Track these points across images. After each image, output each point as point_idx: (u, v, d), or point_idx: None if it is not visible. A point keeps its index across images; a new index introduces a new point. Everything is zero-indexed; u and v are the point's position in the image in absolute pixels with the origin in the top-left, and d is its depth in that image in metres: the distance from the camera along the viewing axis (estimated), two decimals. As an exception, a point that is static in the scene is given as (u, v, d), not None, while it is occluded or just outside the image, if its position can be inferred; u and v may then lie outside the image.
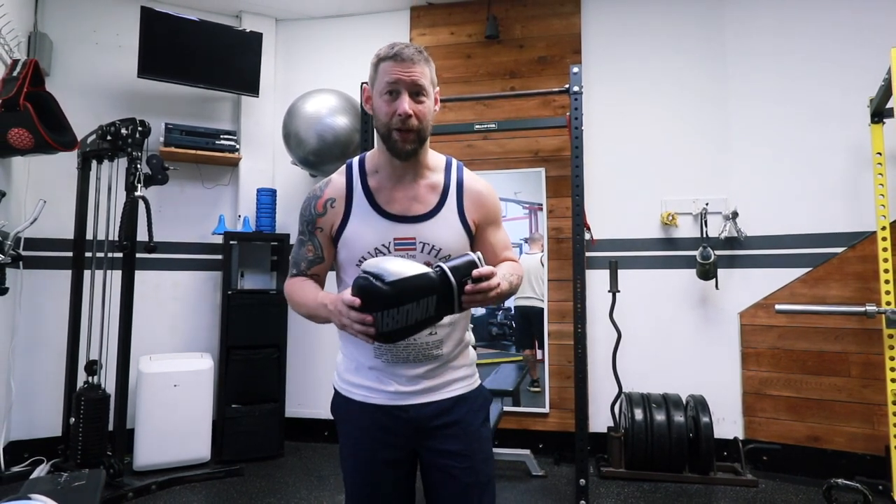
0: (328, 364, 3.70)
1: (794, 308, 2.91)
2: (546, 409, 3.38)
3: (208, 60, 3.52)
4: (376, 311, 1.00)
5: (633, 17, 3.53)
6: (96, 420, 2.77)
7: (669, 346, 3.31)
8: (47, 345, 3.18)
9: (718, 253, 3.20)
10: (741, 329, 3.24)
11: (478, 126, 3.32)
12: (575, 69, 2.81)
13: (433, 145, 1.30)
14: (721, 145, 3.34)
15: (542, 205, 3.50)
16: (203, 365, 3.24)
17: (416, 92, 1.16)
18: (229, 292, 3.37)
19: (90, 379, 2.88)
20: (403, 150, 1.18)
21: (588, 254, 3.28)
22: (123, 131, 2.83)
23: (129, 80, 3.46)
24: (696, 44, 3.42)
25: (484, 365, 3.48)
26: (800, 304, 3.02)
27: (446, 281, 1.03)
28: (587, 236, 3.18)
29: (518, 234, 3.52)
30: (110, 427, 2.86)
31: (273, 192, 3.66)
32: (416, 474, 1.33)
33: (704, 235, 3.25)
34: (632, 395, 3.12)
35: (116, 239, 2.82)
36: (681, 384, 3.19)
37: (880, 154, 2.75)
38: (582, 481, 2.60)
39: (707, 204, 3.29)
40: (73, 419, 2.80)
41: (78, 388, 2.91)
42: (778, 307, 2.87)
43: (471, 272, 1.04)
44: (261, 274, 3.73)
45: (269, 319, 3.44)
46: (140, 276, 3.05)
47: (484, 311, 3.55)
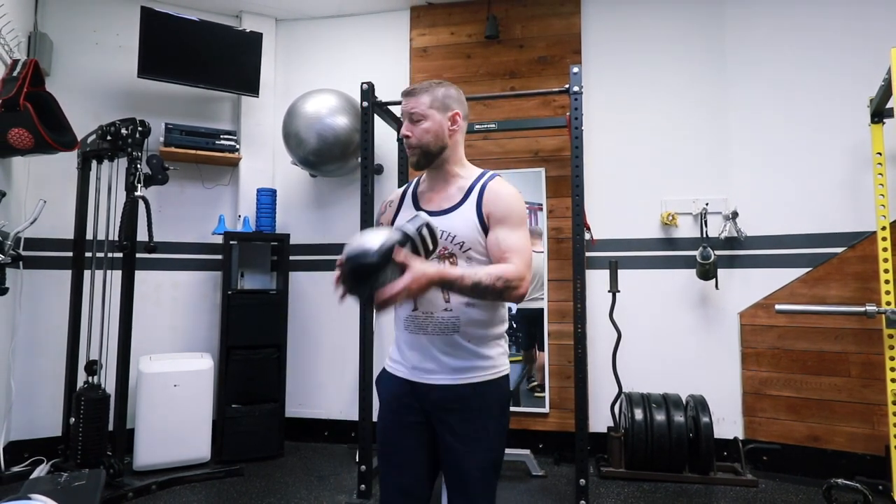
0: (328, 364, 3.71)
1: (794, 308, 2.91)
2: (546, 409, 3.38)
3: (208, 60, 3.52)
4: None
5: (633, 17, 3.53)
6: (96, 420, 2.77)
7: (669, 346, 3.31)
8: (47, 345, 3.18)
9: (718, 253, 3.20)
10: (741, 329, 3.24)
11: (478, 126, 3.32)
12: (575, 69, 2.81)
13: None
14: (721, 145, 3.34)
15: (542, 205, 3.50)
16: (203, 365, 3.24)
17: (414, 118, 1.43)
18: (229, 292, 3.37)
19: (90, 379, 2.88)
20: (411, 161, 1.47)
21: (588, 254, 3.28)
22: (123, 131, 2.83)
23: (129, 80, 3.46)
24: (697, 42, 3.42)
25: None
26: (800, 304, 3.02)
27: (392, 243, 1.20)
28: (587, 236, 3.18)
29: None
30: (110, 427, 2.86)
31: (273, 192, 3.66)
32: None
33: (704, 235, 3.25)
34: (632, 395, 3.12)
35: (116, 239, 2.82)
36: (681, 384, 3.19)
37: (880, 154, 2.75)
38: (582, 481, 2.60)
39: (707, 204, 3.29)
40: (73, 419, 2.80)
41: (78, 388, 2.91)
42: (778, 307, 2.87)
43: (418, 230, 1.23)
44: (261, 274, 3.73)
45: (269, 319, 3.44)
46: (140, 276, 3.05)
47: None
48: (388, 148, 3.68)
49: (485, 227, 1.38)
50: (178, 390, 3.11)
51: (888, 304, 2.61)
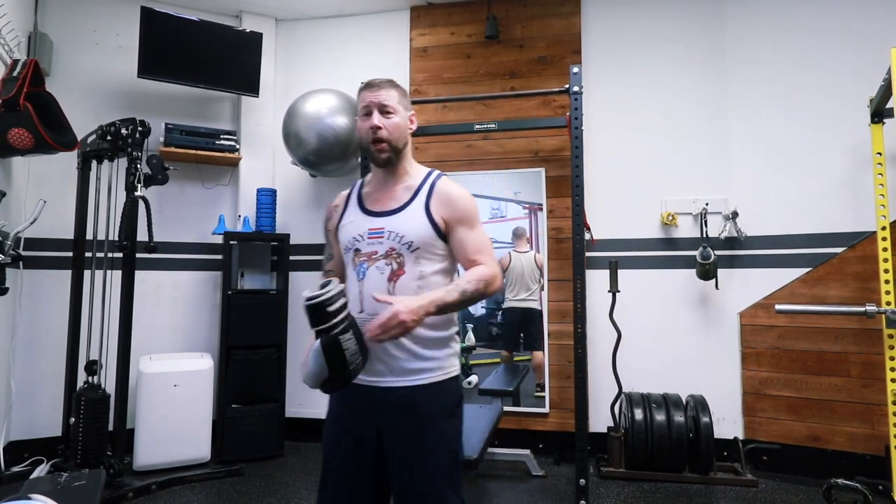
0: (328, 364, 3.69)
1: (794, 308, 2.91)
2: (546, 409, 3.38)
3: (208, 60, 3.52)
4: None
5: (633, 17, 3.53)
6: (96, 420, 2.77)
7: (669, 346, 3.31)
8: (47, 345, 3.18)
9: (718, 253, 3.20)
10: (741, 329, 3.24)
11: (478, 126, 3.31)
12: (575, 69, 2.81)
13: (435, 145, 1.37)
14: (721, 145, 3.34)
15: (542, 205, 3.50)
16: (203, 365, 3.24)
17: (384, 110, 1.39)
18: (229, 292, 3.38)
19: (90, 379, 2.88)
20: (380, 159, 1.40)
21: (588, 254, 3.28)
22: (123, 131, 2.84)
23: (129, 80, 3.46)
24: (697, 42, 3.42)
25: (484, 365, 3.48)
26: (800, 304, 3.02)
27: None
28: (587, 236, 3.18)
29: (518, 234, 3.52)
30: (110, 427, 2.86)
31: (273, 192, 3.66)
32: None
33: (704, 235, 3.25)
34: (632, 395, 3.12)
35: (116, 239, 2.82)
36: (681, 384, 3.19)
37: (880, 154, 2.75)
38: (582, 481, 2.60)
39: (707, 204, 3.29)
40: (73, 419, 2.80)
41: (78, 388, 2.91)
42: (778, 307, 2.87)
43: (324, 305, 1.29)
44: (261, 274, 3.73)
45: (269, 319, 3.44)
46: (140, 276, 3.05)
47: (484, 311, 3.55)
48: (388, 148, 3.67)
49: (437, 227, 1.37)
50: (178, 390, 3.11)
51: (888, 304, 2.61)
